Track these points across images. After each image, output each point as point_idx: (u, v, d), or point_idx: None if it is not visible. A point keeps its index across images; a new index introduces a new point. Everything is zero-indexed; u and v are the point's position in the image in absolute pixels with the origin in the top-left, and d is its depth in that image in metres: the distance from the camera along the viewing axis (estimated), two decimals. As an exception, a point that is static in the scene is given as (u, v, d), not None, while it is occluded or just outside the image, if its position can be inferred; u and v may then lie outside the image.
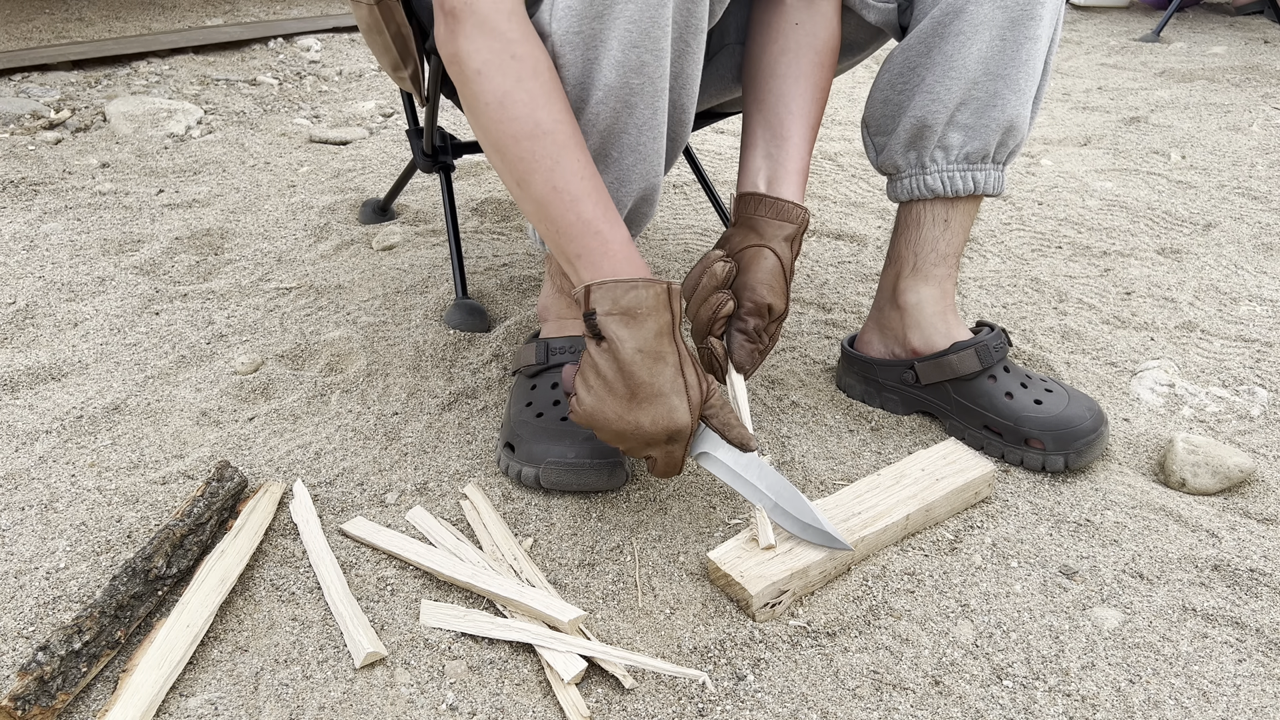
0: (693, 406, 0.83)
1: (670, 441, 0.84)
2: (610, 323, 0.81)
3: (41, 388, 1.18)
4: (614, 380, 0.82)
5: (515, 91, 0.80)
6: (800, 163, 1.00)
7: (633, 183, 0.90)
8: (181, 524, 0.86)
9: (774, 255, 0.96)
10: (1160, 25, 3.46)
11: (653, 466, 0.87)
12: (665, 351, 0.82)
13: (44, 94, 2.44)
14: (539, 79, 0.81)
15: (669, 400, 0.82)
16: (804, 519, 0.86)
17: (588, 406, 0.84)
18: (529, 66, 0.80)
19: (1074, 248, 1.64)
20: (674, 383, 0.82)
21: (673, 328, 0.83)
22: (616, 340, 0.81)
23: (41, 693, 0.70)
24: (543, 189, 0.82)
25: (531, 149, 0.81)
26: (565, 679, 0.74)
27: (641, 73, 0.82)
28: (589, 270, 0.83)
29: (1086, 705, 0.75)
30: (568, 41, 0.81)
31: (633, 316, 0.81)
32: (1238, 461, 0.99)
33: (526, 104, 0.80)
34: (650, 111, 0.85)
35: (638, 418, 0.82)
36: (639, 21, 0.79)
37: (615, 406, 0.83)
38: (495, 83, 0.80)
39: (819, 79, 1.01)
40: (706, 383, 0.86)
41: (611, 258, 0.83)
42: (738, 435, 0.87)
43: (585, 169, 0.82)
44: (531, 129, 0.81)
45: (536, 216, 0.85)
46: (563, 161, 0.81)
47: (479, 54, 0.80)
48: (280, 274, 1.51)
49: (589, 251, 0.83)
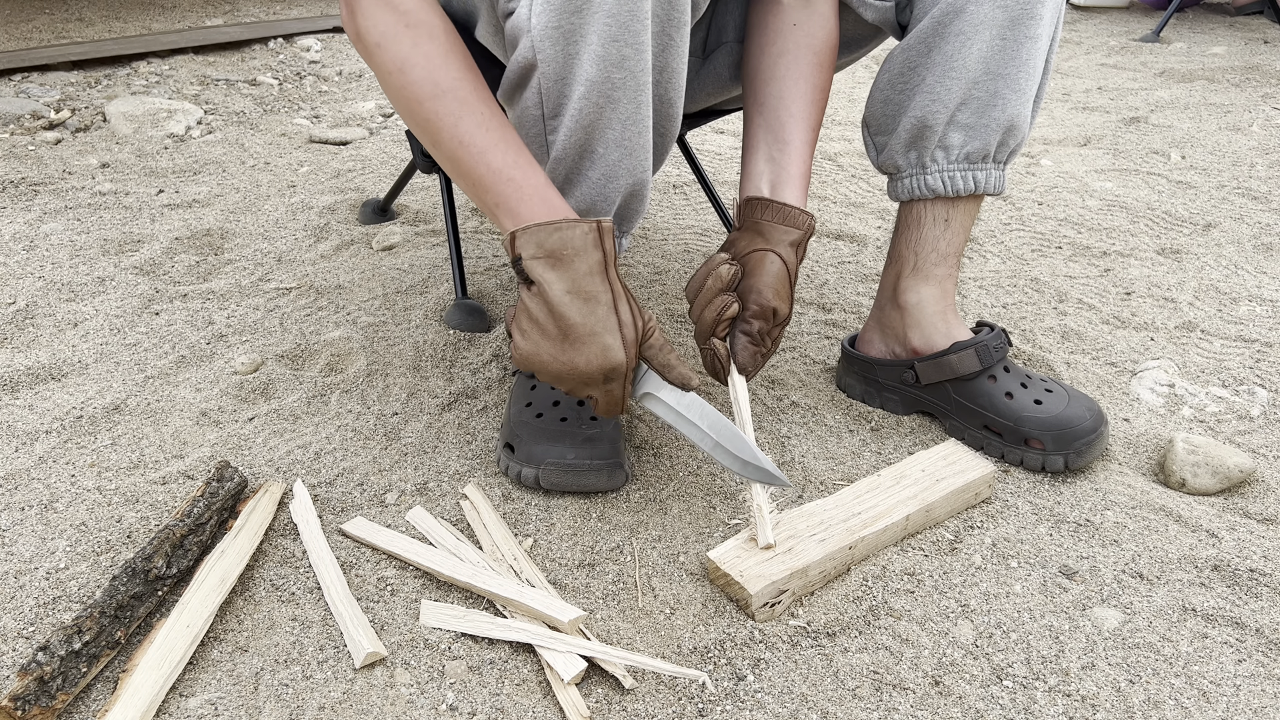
0: (627, 344, 0.84)
1: (608, 380, 0.85)
2: (537, 266, 0.83)
3: (41, 388, 1.18)
4: (546, 323, 0.84)
5: (413, 56, 0.83)
6: (802, 166, 1.00)
7: (619, 178, 0.90)
8: (181, 524, 0.86)
9: (780, 260, 0.97)
10: (1160, 25, 3.46)
11: (596, 407, 0.88)
12: (596, 290, 0.83)
13: (44, 94, 2.44)
14: (435, 42, 0.84)
15: (602, 339, 0.83)
16: (744, 456, 0.86)
17: (524, 351, 0.86)
18: (424, 32, 0.83)
19: (1074, 248, 1.64)
20: (606, 321, 0.83)
21: (604, 266, 0.83)
22: (544, 283, 0.82)
23: (41, 693, 0.70)
24: (451, 146, 0.84)
25: (434, 109, 0.84)
26: (565, 679, 0.74)
27: (622, 67, 0.82)
28: (509, 218, 0.85)
29: (1086, 705, 0.75)
30: (547, 37, 0.81)
31: (559, 258, 0.82)
32: (1238, 461, 0.99)
33: (424, 67, 0.83)
34: (633, 106, 0.85)
35: (572, 358, 0.83)
36: (618, 15, 0.79)
37: (549, 348, 0.84)
38: (393, 51, 0.83)
39: (818, 80, 1.01)
40: (643, 320, 0.86)
41: (528, 201, 0.84)
42: (678, 375, 0.88)
43: (489, 120, 0.84)
44: (431, 90, 0.83)
45: (454, 174, 0.87)
46: (464, 117, 0.84)
47: (376, 27, 0.84)
48: (280, 274, 1.51)
49: (505, 199, 0.84)
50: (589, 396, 0.88)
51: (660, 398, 0.89)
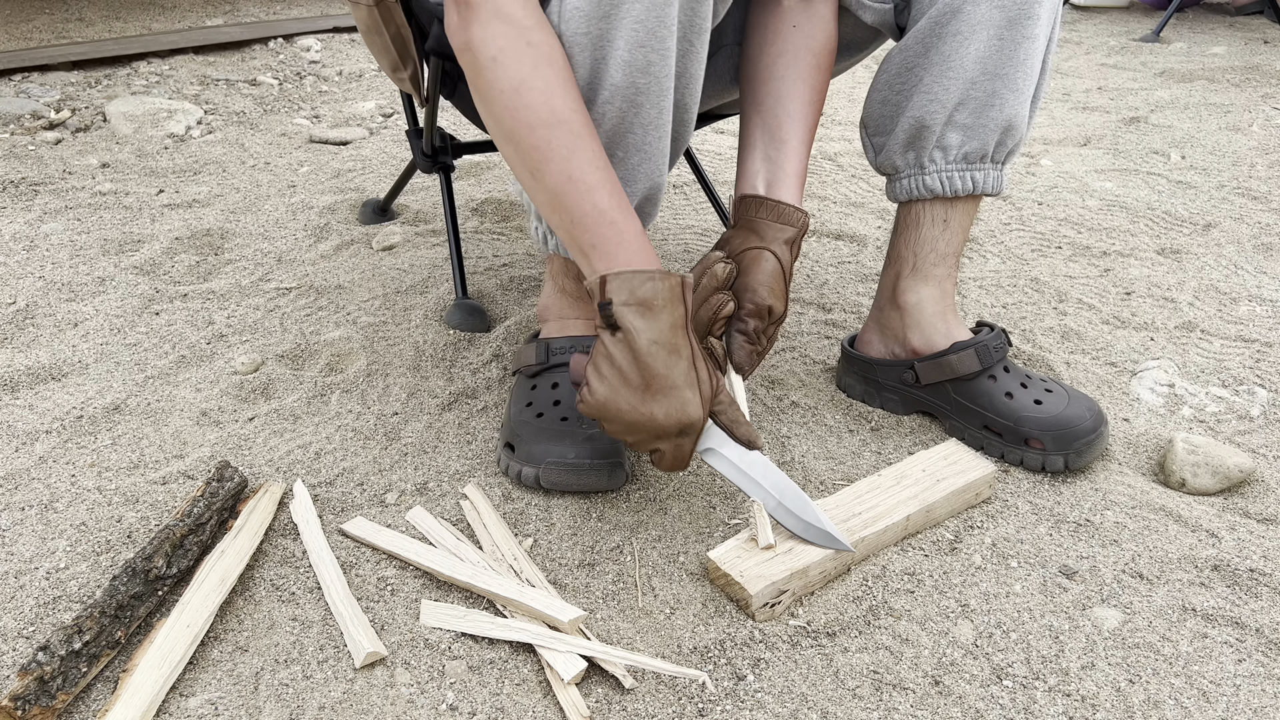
0: (704, 400, 0.83)
1: (681, 435, 0.83)
2: (627, 313, 0.81)
3: (41, 388, 1.18)
4: (629, 371, 0.81)
5: (531, 79, 0.79)
6: (799, 165, 1.00)
7: (638, 182, 0.90)
8: (181, 524, 0.86)
9: (774, 258, 0.96)
10: (1160, 25, 3.46)
11: (659, 460, 0.87)
12: (680, 344, 0.82)
13: (44, 94, 2.44)
14: (554, 67, 0.80)
15: (683, 393, 0.81)
16: (806, 518, 0.86)
17: (600, 396, 0.83)
18: (544, 54, 0.80)
19: (1074, 248, 1.64)
20: (687, 376, 0.82)
21: (685, 322, 0.83)
22: (633, 330, 0.80)
23: (41, 693, 0.70)
24: (557, 178, 0.81)
25: (547, 138, 0.80)
26: (565, 679, 0.74)
27: (648, 72, 0.82)
28: (603, 261, 0.82)
29: (1086, 705, 0.75)
30: (575, 42, 0.81)
31: (649, 308, 0.81)
32: (1238, 461, 0.99)
33: (542, 91, 0.80)
34: (656, 111, 0.85)
35: (651, 410, 0.81)
36: (645, 22, 0.79)
37: (629, 397, 0.82)
38: (510, 70, 0.79)
39: (816, 81, 1.01)
40: (716, 378, 0.86)
41: (627, 248, 0.82)
42: (745, 433, 0.87)
43: (599, 159, 0.82)
44: (547, 117, 0.80)
45: (550, 207, 0.84)
46: (578, 151, 0.81)
47: (494, 41, 0.79)
48: (280, 274, 1.51)
49: (604, 241, 0.82)
50: (654, 450, 0.86)
51: (724, 454, 0.88)
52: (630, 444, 0.87)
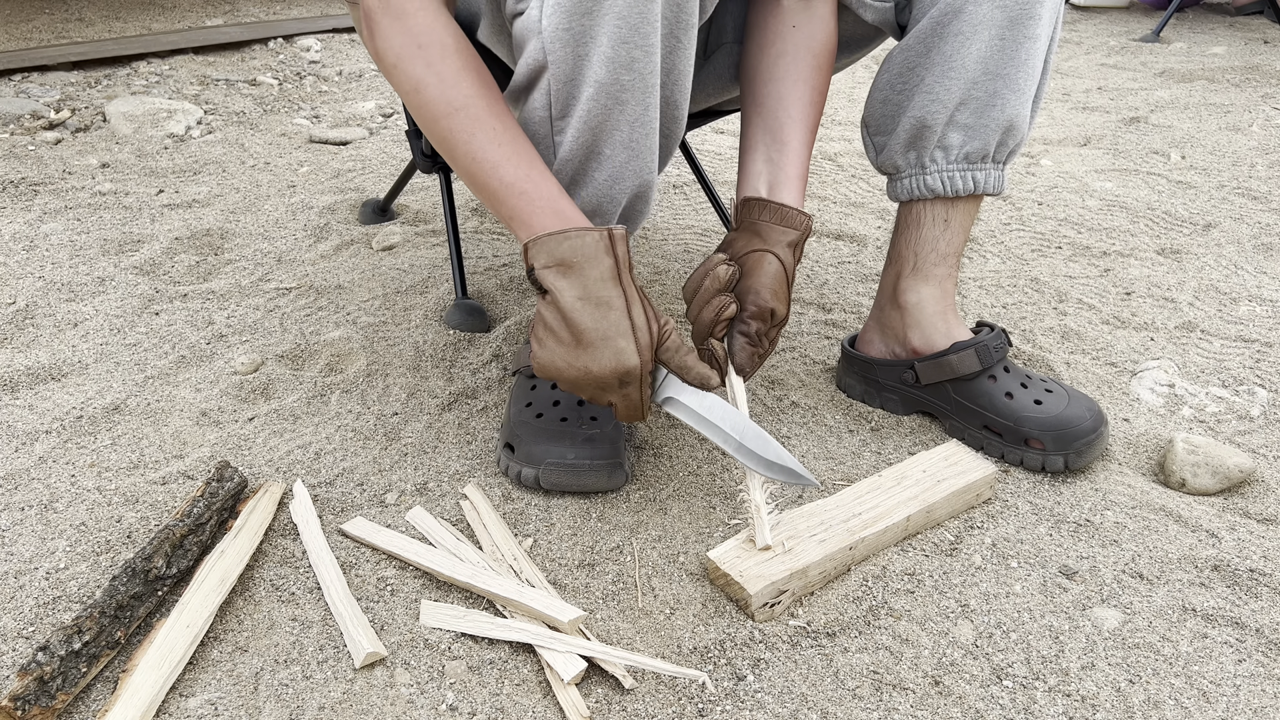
0: (641, 347, 0.84)
1: (623, 384, 0.85)
2: (549, 275, 0.84)
3: (41, 388, 1.18)
4: (560, 330, 0.85)
5: (426, 76, 0.84)
6: (800, 168, 1.00)
7: (626, 180, 0.90)
8: (181, 524, 0.86)
9: (777, 260, 0.97)
10: (1160, 25, 3.46)
11: (616, 412, 0.89)
12: (608, 296, 0.83)
13: (44, 94, 2.44)
14: (447, 60, 0.84)
15: (615, 343, 0.83)
16: (768, 456, 0.86)
17: (542, 359, 0.87)
18: (436, 51, 0.84)
19: (1074, 248, 1.64)
20: (619, 325, 0.83)
21: (616, 272, 0.84)
22: (556, 291, 0.84)
23: (41, 693, 0.70)
24: (465, 161, 0.86)
25: (449, 126, 0.85)
26: (565, 679, 0.74)
27: (632, 69, 0.82)
28: (522, 229, 0.86)
29: (1086, 705, 0.75)
30: (558, 39, 0.81)
31: (570, 266, 0.83)
32: (1238, 461, 0.99)
33: (438, 86, 0.84)
34: (642, 108, 0.85)
35: (586, 363, 0.84)
36: (628, 17, 0.79)
37: (565, 355, 0.85)
38: (408, 71, 0.85)
39: (817, 82, 1.01)
40: (659, 323, 0.86)
41: (540, 213, 0.85)
42: (697, 375, 0.88)
43: (501, 135, 0.85)
44: (445, 108, 0.85)
45: (471, 187, 0.88)
46: (477, 134, 0.85)
47: (393, 48, 0.85)
48: (280, 274, 1.51)
49: (518, 212, 0.85)
50: (609, 403, 0.88)
51: (681, 400, 0.89)
52: (588, 399, 0.89)
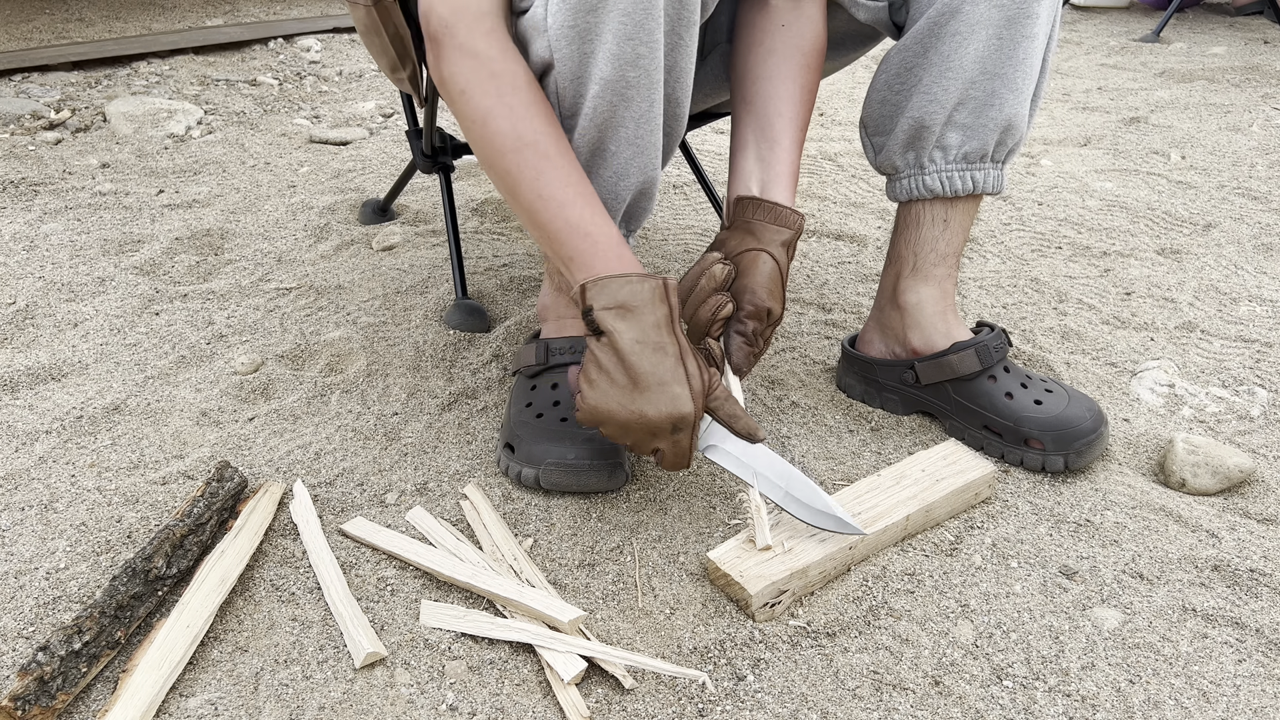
0: (695, 394, 0.83)
1: (676, 431, 0.84)
2: (607, 316, 0.83)
3: (41, 388, 1.18)
4: (615, 372, 0.83)
5: (496, 108, 0.83)
6: (791, 167, 1.00)
7: (630, 176, 0.90)
8: (181, 524, 0.86)
9: (772, 260, 0.97)
10: (1160, 25, 3.46)
11: (661, 460, 0.87)
12: (664, 342, 0.83)
13: (44, 94, 2.44)
14: (518, 94, 0.83)
15: (671, 389, 0.82)
16: (816, 505, 0.86)
17: (591, 401, 0.85)
18: (508, 82, 0.83)
19: (1074, 248, 1.64)
20: (675, 371, 0.83)
21: (670, 320, 0.84)
22: (615, 332, 0.82)
23: (41, 693, 0.70)
24: (530, 198, 0.85)
25: (516, 161, 0.84)
26: (565, 679, 0.74)
27: (636, 65, 0.82)
28: (582, 271, 0.85)
29: (1086, 705, 0.75)
30: (563, 36, 0.81)
31: (629, 309, 0.83)
32: (1238, 462, 0.99)
33: (508, 118, 0.83)
34: (646, 104, 0.85)
35: (641, 407, 0.82)
36: (632, 14, 0.80)
37: (619, 398, 0.83)
38: (477, 101, 0.83)
39: (806, 80, 1.02)
40: (708, 374, 0.86)
41: (602, 256, 0.84)
42: (744, 426, 0.88)
43: (569, 175, 0.85)
44: (514, 142, 0.84)
45: (529, 224, 0.87)
46: (545, 171, 0.84)
47: (461, 75, 0.83)
48: (280, 274, 1.51)
49: (580, 254, 0.85)
50: (655, 450, 0.87)
51: (726, 449, 0.89)
52: (630, 447, 0.87)
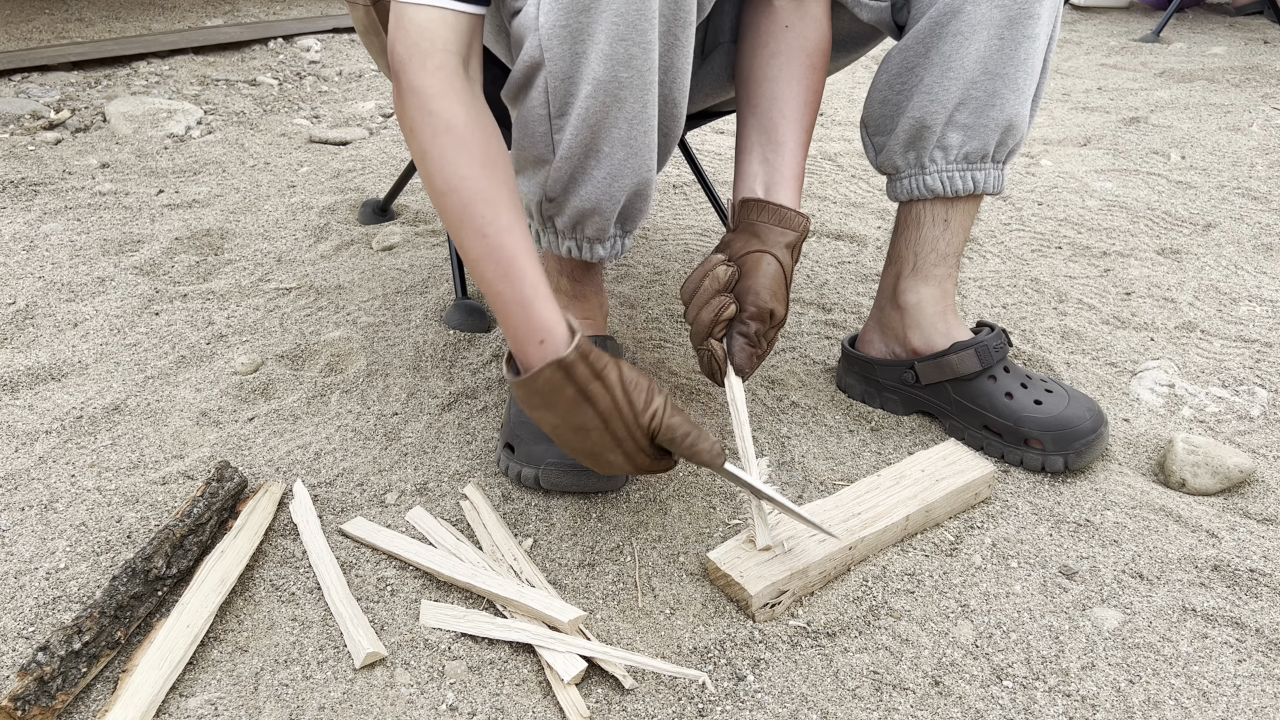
0: (629, 454, 0.83)
1: (642, 472, 0.87)
2: (530, 410, 0.84)
3: (41, 388, 1.18)
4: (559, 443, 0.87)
5: (430, 149, 0.82)
6: (796, 169, 1.00)
7: (625, 178, 0.90)
8: (181, 524, 0.86)
9: (776, 261, 0.97)
10: (1160, 25, 3.46)
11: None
12: (583, 421, 0.82)
13: (44, 94, 2.44)
14: (451, 134, 0.81)
15: (604, 458, 0.84)
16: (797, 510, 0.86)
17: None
18: (441, 122, 0.81)
19: (1074, 248, 1.64)
20: (600, 442, 0.83)
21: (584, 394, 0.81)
22: (541, 423, 0.85)
23: (41, 693, 0.70)
24: (459, 241, 0.84)
25: (443, 205, 0.83)
26: (565, 679, 0.74)
27: (630, 66, 0.82)
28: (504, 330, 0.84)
29: (1086, 705, 0.75)
30: (555, 35, 0.81)
31: (546, 400, 0.82)
32: (1238, 462, 0.99)
33: (438, 160, 0.82)
34: (640, 105, 0.85)
35: (599, 468, 0.86)
36: (626, 15, 0.79)
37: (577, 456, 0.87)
38: (418, 140, 0.82)
39: (811, 82, 1.01)
40: (647, 415, 0.82)
41: (511, 320, 0.82)
42: (707, 456, 0.84)
43: (487, 226, 0.82)
44: (442, 185, 0.82)
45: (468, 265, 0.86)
46: (465, 219, 0.82)
47: (408, 114, 0.82)
48: (280, 274, 1.51)
49: (496, 309, 0.83)
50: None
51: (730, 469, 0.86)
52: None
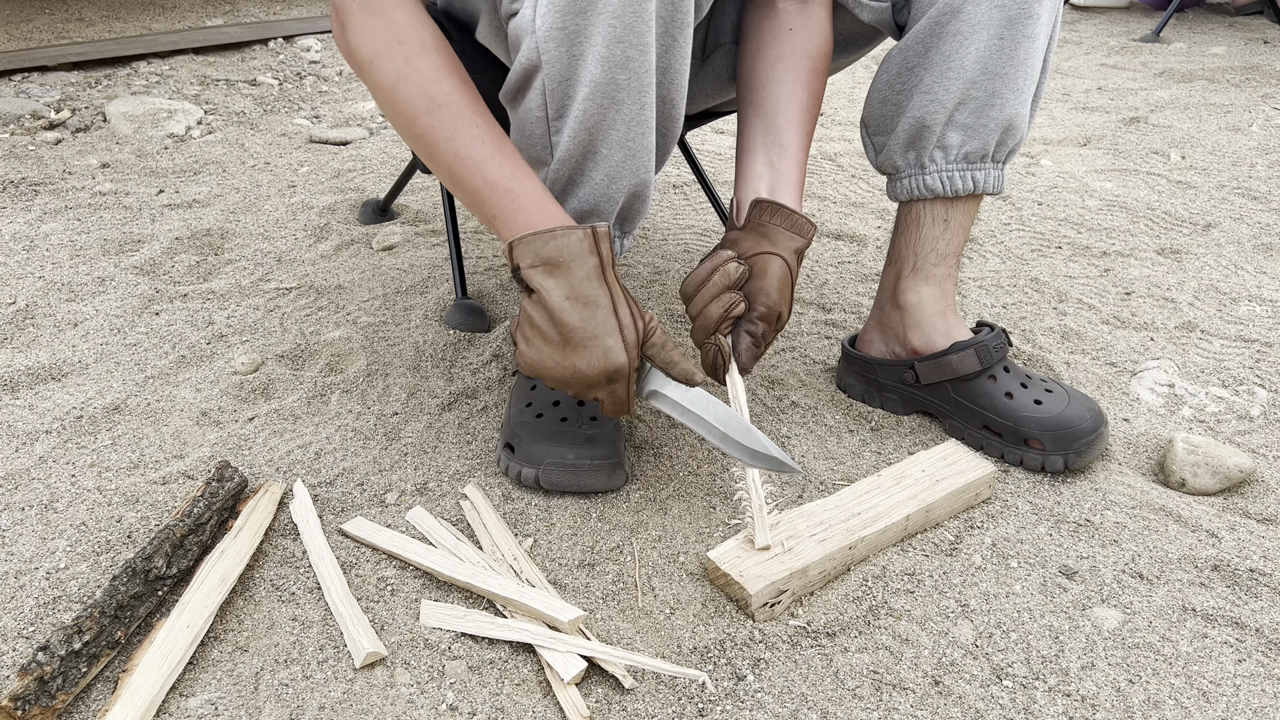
0: (628, 345, 0.85)
1: (611, 381, 0.86)
2: (535, 274, 0.84)
3: (41, 388, 1.18)
4: (547, 329, 0.85)
5: (405, 72, 0.83)
6: (799, 172, 1.01)
7: (623, 179, 0.90)
8: (181, 524, 0.86)
9: (785, 265, 0.97)
10: (1160, 25, 3.46)
11: (603, 408, 0.90)
12: (595, 295, 0.84)
13: (44, 94, 2.44)
14: (427, 56, 0.83)
15: (603, 342, 0.84)
16: (753, 446, 0.87)
17: (529, 358, 0.87)
18: (416, 47, 0.83)
19: (1074, 248, 1.64)
20: (606, 324, 0.84)
21: (601, 270, 0.84)
22: (543, 290, 0.84)
23: (41, 693, 0.70)
24: (447, 160, 0.85)
25: (430, 123, 0.84)
26: (565, 679, 0.74)
27: (627, 68, 0.82)
28: (506, 228, 0.85)
29: (1086, 705, 0.75)
30: (551, 38, 0.81)
31: (556, 265, 0.83)
32: (1238, 461, 0.99)
33: (417, 82, 0.83)
34: (637, 107, 0.85)
35: (574, 362, 0.84)
36: (623, 17, 0.79)
37: (552, 354, 0.85)
38: (386, 67, 0.83)
39: (813, 85, 1.02)
40: (643, 320, 0.87)
41: (525, 211, 0.85)
42: (681, 371, 0.89)
43: (485, 133, 0.85)
44: (426, 105, 0.83)
45: (452, 187, 0.88)
46: (460, 130, 0.84)
47: (369, 44, 0.84)
48: (280, 274, 1.51)
49: (503, 211, 0.85)
50: (594, 399, 0.89)
51: (666, 394, 0.90)
52: (573, 395, 0.89)
